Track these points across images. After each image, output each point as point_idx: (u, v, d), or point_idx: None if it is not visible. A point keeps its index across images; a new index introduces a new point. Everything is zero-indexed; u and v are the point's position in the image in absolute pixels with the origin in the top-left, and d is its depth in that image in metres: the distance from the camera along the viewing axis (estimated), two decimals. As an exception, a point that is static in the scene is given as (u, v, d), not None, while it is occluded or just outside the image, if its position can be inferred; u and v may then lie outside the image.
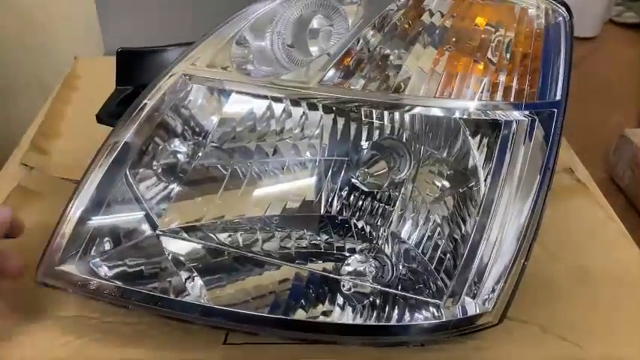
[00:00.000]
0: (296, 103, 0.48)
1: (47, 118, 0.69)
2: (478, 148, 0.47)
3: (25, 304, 0.47)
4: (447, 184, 0.50)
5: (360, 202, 0.56)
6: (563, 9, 0.49)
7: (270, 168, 0.54)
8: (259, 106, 0.48)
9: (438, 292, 0.46)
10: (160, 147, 0.48)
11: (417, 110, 0.46)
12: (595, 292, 0.49)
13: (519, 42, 0.48)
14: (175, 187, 0.49)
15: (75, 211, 0.44)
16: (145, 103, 0.45)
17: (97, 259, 0.45)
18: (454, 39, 0.48)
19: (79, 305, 0.47)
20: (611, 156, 1.33)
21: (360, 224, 0.56)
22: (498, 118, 0.45)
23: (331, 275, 0.49)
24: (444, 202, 0.50)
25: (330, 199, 0.56)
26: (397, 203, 0.56)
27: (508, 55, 0.48)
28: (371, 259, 0.53)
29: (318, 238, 0.55)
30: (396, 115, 0.54)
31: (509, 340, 0.45)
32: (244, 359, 0.44)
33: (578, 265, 0.52)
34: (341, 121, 0.53)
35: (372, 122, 0.54)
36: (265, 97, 0.47)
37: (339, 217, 0.56)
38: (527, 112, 0.45)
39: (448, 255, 0.49)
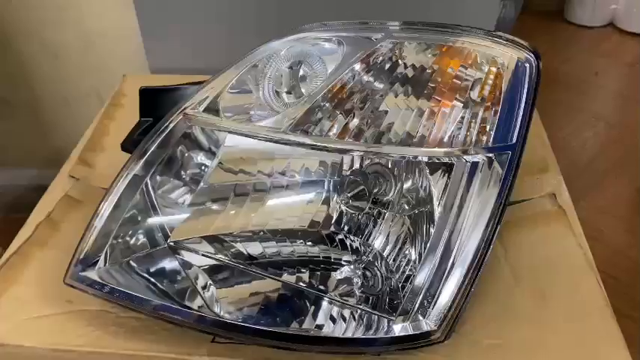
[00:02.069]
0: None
1: (94, 134, 0.80)
2: (436, 183, 0.53)
3: (56, 296, 0.57)
4: (408, 208, 0.57)
5: (353, 220, 0.63)
6: (531, 55, 0.54)
7: (270, 187, 0.62)
8: (250, 143, 0.56)
9: (395, 309, 0.53)
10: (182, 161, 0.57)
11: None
12: (549, 317, 0.54)
13: (485, 87, 0.54)
14: (188, 202, 0.59)
15: (98, 221, 0.54)
16: (154, 139, 0.54)
17: (115, 267, 0.55)
18: (429, 85, 0.54)
19: (102, 301, 0.57)
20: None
21: (351, 240, 0.63)
22: (454, 162, 0.51)
23: (311, 290, 0.56)
24: (407, 225, 0.56)
25: (325, 217, 0.63)
26: (382, 223, 0.62)
27: (476, 98, 0.54)
28: (359, 271, 0.60)
29: (316, 250, 0.63)
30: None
31: (457, 356, 0.51)
32: (225, 355, 0.52)
33: (539, 288, 0.57)
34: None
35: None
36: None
37: (334, 233, 0.63)
38: (483, 157, 0.51)
39: (410, 277, 0.55)
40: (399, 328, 0.50)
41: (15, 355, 0.53)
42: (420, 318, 0.50)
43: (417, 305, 0.50)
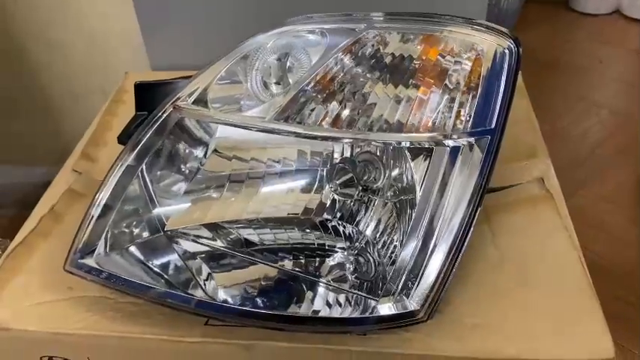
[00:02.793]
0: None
1: (97, 130, 0.82)
2: (418, 168, 0.55)
3: (57, 283, 0.59)
4: (395, 195, 0.58)
5: (345, 207, 0.65)
6: (511, 41, 0.55)
7: (265, 175, 0.64)
8: (242, 133, 0.58)
9: (381, 290, 0.54)
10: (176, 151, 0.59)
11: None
12: (531, 296, 0.55)
13: (464, 73, 0.55)
14: (183, 190, 0.61)
15: (95, 210, 0.57)
16: (147, 130, 0.57)
17: (113, 254, 0.58)
18: (409, 72, 0.56)
19: (101, 288, 0.60)
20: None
21: (344, 227, 0.65)
22: (434, 147, 0.53)
23: (305, 276, 0.58)
24: (392, 209, 0.58)
25: (318, 204, 0.65)
26: (372, 210, 0.64)
27: (456, 84, 0.55)
28: (351, 257, 0.62)
29: (311, 237, 0.65)
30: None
31: (438, 334, 0.53)
32: (219, 336, 0.54)
33: (523, 268, 0.58)
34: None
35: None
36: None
37: (327, 220, 0.65)
38: (463, 141, 0.52)
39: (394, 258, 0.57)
40: (384, 309, 0.52)
41: (18, 339, 0.56)
42: (404, 298, 0.52)
43: (400, 286, 0.52)
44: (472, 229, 0.52)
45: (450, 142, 0.52)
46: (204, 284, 0.59)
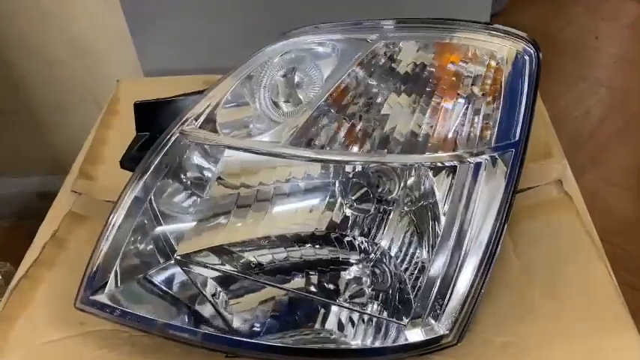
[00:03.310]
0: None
1: (93, 145, 0.79)
2: (440, 184, 0.53)
3: (68, 318, 0.57)
4: (411, 205, 0.56)
5: (358, 222, 0.63)
6: (530, 46, 0.52)
7: (273, 196, 0.61)
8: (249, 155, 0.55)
9: (406, 313, 0.53)
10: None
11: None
12: (560, 309, 0.54)
13: (485, 82, 0.53)
14: (192, 216, 0.58)
15: (104, 244, 0.54)
16: (153, 157, 0.54)
17: (124, 287, 0.55)
18: (429, 82, 0.53)
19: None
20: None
21: (359, 241, 0.63)
22: (458, 164, 0.50)
23: (320, 299, 0.56)
24: (413, 224, 0.56)
25: (329, 221, 0.63)
26: (387, 222, 0.62)
27: (477, 94, 0.53)
28: (368, 270, 0.60)
29: (324, 252, 0.63)
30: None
31: (468, 356, 0.51)
32: (240, 370, 0.53)
33: (548, 279, 0.57)
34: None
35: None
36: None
37: (341, 235, 0.63)
38: (486, 157, 0.50)
39: (420, 277, 0.55)
40: (411, 335, 0.50)
41: (33, 381, 0.54)
42: (432, 322, 0.50)
43: (428, 309, 0.50)
44: (500, 245, 0.50)
45: (473, 159, 0.50)
46: (219, 311, 0.57)
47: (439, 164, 0.51)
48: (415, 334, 0.50)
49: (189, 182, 0.57)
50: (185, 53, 0.92)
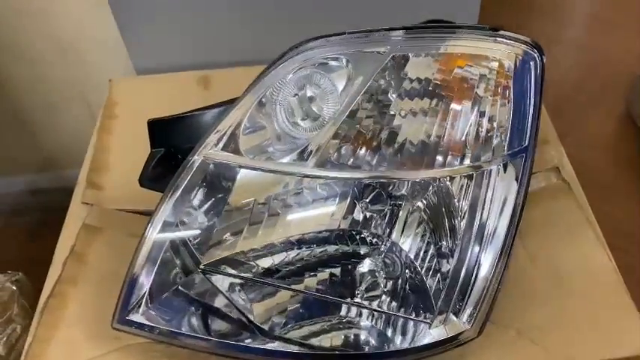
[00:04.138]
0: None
1: (95, 153, 0.79)
2: (457, 190, 0.56)
3: (102, 334, 0.60)
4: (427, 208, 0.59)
5: (368, 217, 0.65)
6: (535, 51, 0.55)
7: (288, 203, 0.63)
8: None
9: (427, 310, 0.56)
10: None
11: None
12: (566, 296, 0.59)
13: (491, 88, 0.55)
14: (214, 231, 0.60)
15: (138, 270, 0.56)
16: (178, 181, 0.55)
17: (156, 303, 0.57)
18: (439, 89, 0.55)
19: (148, 333, 0.60)
20: (629, 94, 1.35)
21: (368, 234, 0.66)
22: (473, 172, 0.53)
23: (339, 300, 0.59)
24: (426, 219, 0.59)
25: (348, 220, 0.65)
26: (397, 218, 0.65)
27: (485, 99, 0.55)
28: (380, 262, 0.64)
29: (336, 248, 0.65)
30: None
31: (488, 345, 0.56)
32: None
33: (553, 268, 0.61)
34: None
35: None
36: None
37: (352, 232, 0.66)
38: (501, 162, 0.53)
39: (438, 274, 0.58)
40: (435, 332, 0.54)
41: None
42: (454, 318, 0.54)
43: (450, 306, 0.54)
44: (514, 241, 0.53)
45: (486, 166, 0.53)
46: (249, 317, 0.59)
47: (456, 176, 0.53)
48: (439, 332, 0.54)
49: (212, 198, 0.58)
50: (177, 48, 0.91)
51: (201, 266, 0.61)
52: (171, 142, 0.61)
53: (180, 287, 0.59)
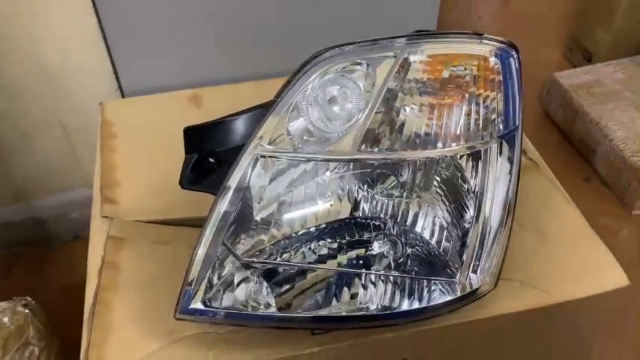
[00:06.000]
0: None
1: (104, 170, 0.82)
2: (465, 165, 0.66)
3: (155, 331, 0.64)
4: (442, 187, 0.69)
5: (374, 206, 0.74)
6: (513, 50, 0.67)
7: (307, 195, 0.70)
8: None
9: (446, 272, 0.66)
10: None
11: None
12: (551, 250, 0.71)
13: (483, 84, 0.66)
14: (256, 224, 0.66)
15: (197, 266, 0.61)
16: (230, 183, 0.61)
17: (213, 292, 0.62)
18: (435, 85, 0.66)
19: (198, 324, 0.64)
20: (544, 96, 1.56)
21: (373, 221, 0.74)
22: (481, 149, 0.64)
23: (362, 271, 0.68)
24: (443, 200, 0.69)
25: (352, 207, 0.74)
26: (402, 199, 0.74)
27: (478, 91, 0.66)
28: (387, 243, 0.73)
29: (346, 236, 0.73)
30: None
31: (500, 296, 0.66)
32: (330, 342, 0.63)
33: (537, 229, 0.73)
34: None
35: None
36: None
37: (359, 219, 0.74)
38: (499, 141, 0.64)
39: (451, 240, 0.68)
40: (458, 289, 0.64)
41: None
42: (473, 275, 0.64)
43: (471, 265, 0.64)
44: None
45: (486, 147, 0.64)
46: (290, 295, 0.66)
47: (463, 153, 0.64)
48: (461, 288, 0.64)
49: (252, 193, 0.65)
50: (165, 69, 0.96)
51: (242, 259, 0.66)
52: (205, 148, 0.67)
53: (228, 277, 0.65)
